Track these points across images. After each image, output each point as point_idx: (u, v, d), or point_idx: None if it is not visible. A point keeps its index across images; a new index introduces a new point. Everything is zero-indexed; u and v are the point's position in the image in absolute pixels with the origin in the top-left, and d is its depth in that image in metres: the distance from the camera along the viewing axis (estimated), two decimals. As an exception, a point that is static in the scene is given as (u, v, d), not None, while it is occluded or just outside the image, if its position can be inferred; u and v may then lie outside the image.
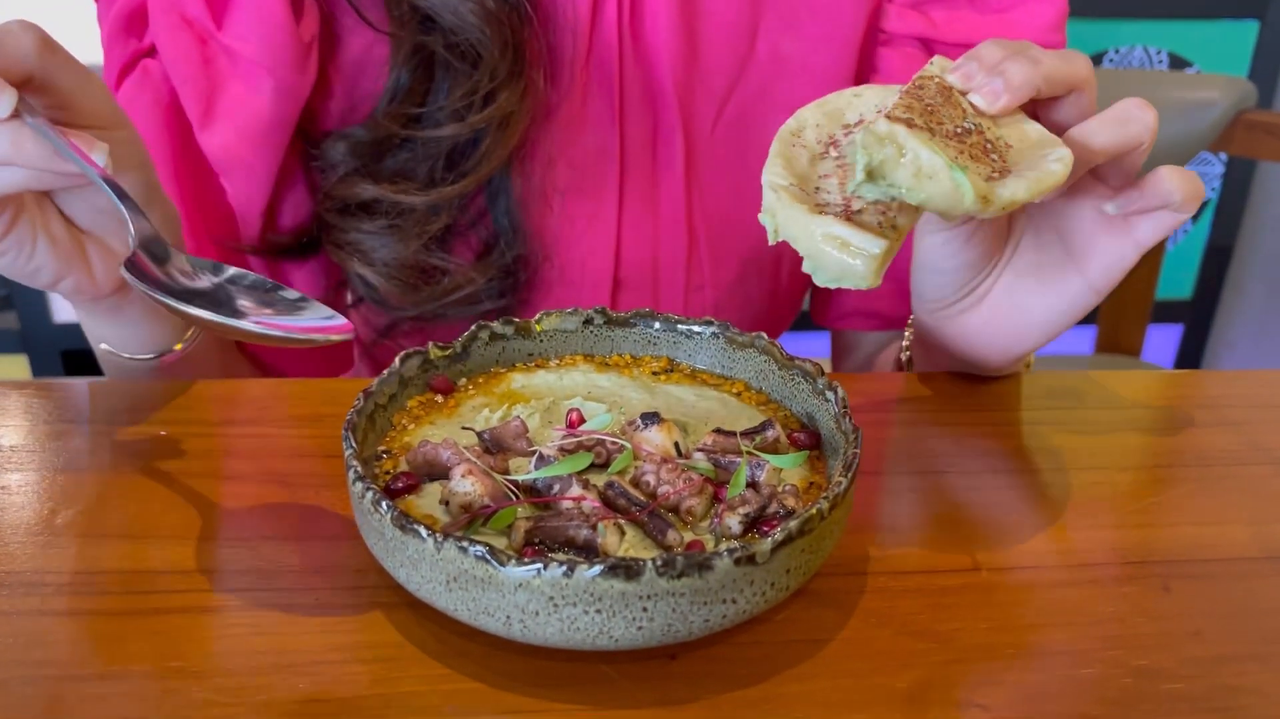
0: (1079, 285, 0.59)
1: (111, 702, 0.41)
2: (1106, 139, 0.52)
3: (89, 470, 0.56)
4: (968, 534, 0.53)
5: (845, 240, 0.46)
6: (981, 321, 0.62)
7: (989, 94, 0.50)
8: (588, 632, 0.41)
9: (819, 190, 0.49)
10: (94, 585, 0.47)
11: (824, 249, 0.46)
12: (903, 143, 0.46)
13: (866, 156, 0.46)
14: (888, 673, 0.44)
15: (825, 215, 0.46)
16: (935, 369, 0.69)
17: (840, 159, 0.51)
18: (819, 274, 0.47)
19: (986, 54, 0.52)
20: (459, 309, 0.73)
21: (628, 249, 0.76)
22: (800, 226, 0.47)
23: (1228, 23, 1.89)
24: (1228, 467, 0.59)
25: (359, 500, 0.45)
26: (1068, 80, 0.52)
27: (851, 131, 0.52)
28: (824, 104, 0.53)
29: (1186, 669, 0.45)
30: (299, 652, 0.44)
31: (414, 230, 0.70)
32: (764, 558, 0.41)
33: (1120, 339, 1.46)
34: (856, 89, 0.54)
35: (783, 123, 0.76)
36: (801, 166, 0.50)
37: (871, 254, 0.45)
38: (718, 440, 0.51)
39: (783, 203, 0.47)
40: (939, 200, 0.47)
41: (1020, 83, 0.50)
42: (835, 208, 0.48)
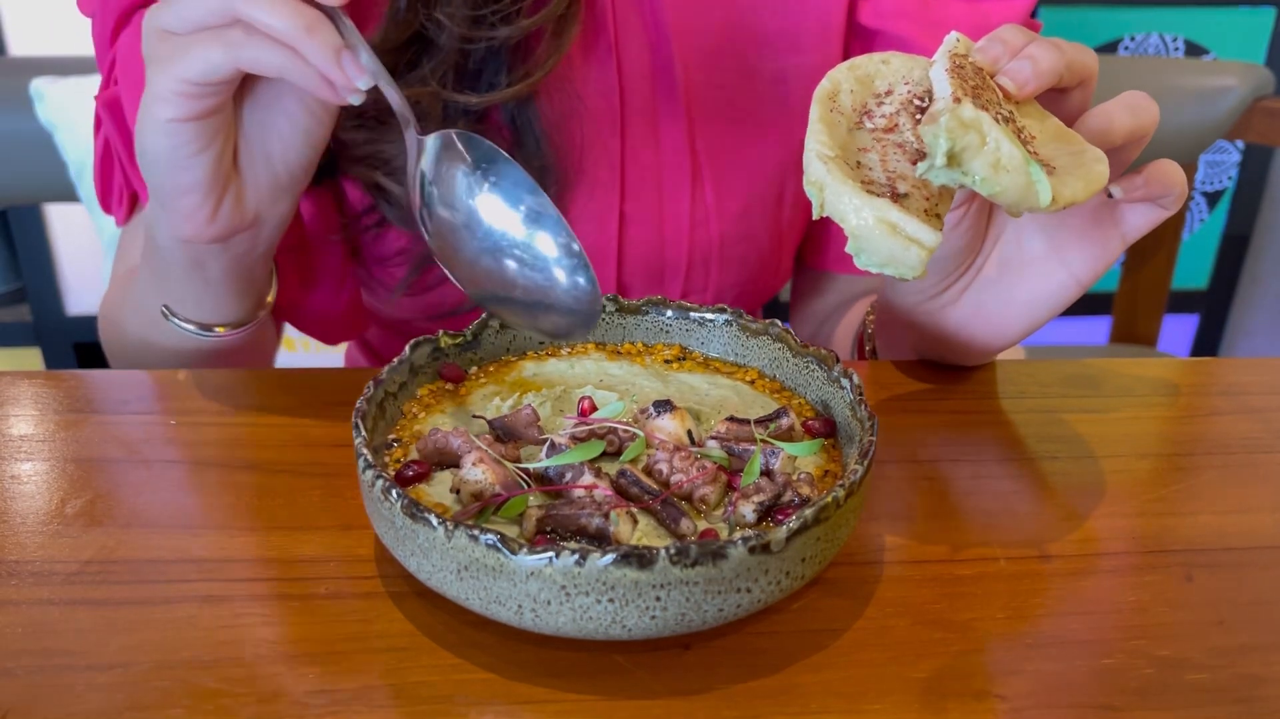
0: (1062, 277, 0.58)
1: (121, 691, 0.41)
2: (1125, 126, 0.52)
3: (98, 460, 0.55)
4: (985, 523, 0.52)
5: (899, 227, 0.44)
6: (962, 315, 0.62)
7: (1018, 78, 0.49)
8: (600, 621, 0.40)
9: (860, 165, 0.47)
10: (104, 575, 0.47)
11: (875, 233, 0.44)
12: (986, 132, 0.45)
13: (950, 142, 0.45)
14: (905, 663, 0.43)
15: (878, 198, 0.45)
16: (901, 358, 0.68)
17: (875, 131, 0.49)
18: (863, 257, 0.45)
19: (1011, 37, 0.51)
20: None
21: (631, 184, 0.75)
22: (850, 206, 0.45)
23: (1244, 10, 1.87)
24: (1249, 454, 0.58)
25: (369, 489, 0.44)
26: (1084, 71, 0.52)
27: (883, 101, 0.51)
28: (855, 67, 0.51)
29: (1210, 659, 0.44)
30: (309, 641, 0.44)
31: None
32: (779, 546, 0.41)
33: (1136, 329, 1.45)
34: (884, 55, 0.53)
35: (774, 54, 0.75)
36: (841, 135, 0.48)
37: (926, 245, 0.44)
38: (731, 428, 0.50)
39: (834, 177, 0.45)
40: (1010, 194, 0.46)
41: (1047, 69, 0.50)
42: (880, 187, 0.46)
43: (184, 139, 0.53)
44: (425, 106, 0.68)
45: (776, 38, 0.75)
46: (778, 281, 0.85)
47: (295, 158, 0.58)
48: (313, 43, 0.50)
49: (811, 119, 0.48)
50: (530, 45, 0.69)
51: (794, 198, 0.80)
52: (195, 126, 0.53)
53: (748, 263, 0.80)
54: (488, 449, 0.48)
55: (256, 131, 0.56)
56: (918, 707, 0.41)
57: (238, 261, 0.61)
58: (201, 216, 0.57)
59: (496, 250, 0.54)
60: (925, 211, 0.46)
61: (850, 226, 0.45)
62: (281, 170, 0.58)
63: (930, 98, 0.50)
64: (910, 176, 0.47)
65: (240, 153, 0.57)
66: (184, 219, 0.57)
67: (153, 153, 0.54)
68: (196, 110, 0.52)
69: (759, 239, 0.80)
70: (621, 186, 0.75)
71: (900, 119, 0.50)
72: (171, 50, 0.51)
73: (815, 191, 0.46)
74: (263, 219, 0.59)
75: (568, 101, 0.72)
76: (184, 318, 0.65)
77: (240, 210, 0.58)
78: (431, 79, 0.68)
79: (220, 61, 0.50)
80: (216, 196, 0.56)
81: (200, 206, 0.56)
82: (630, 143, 0.74)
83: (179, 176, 0.55)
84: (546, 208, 0.53)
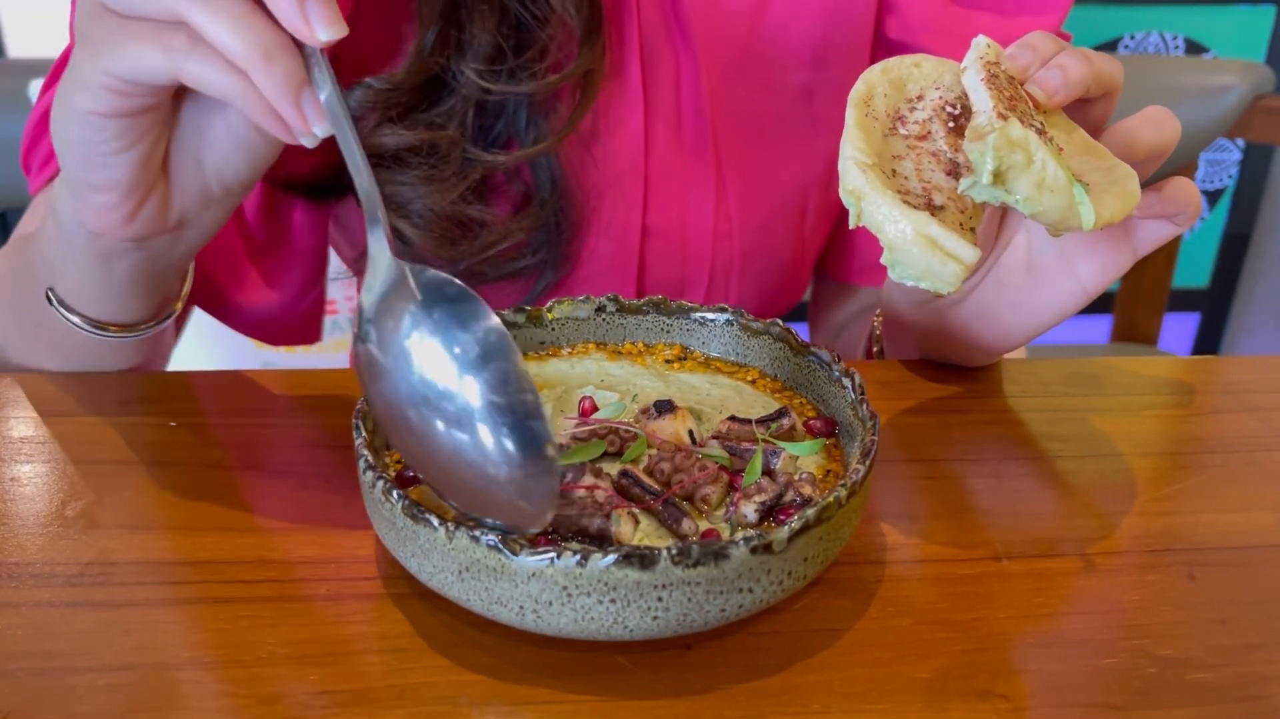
0: (1071, 285, 0.58)
1: (121, 693, 0.41)
2: (1148, 142, 0.52)
3: (99, 462, 0.55)
4: (987, 522, 0.52)
5: (938, 242, 0.44)
6: (967, 318, 0.62)
7: (1049, 87, 0.49)
8: (602, 622, 0.40)
9: (895, 174, 0.47)
10: (104, 577, 0.47)
11: (914, 247, 0.44)
12: (1033, 152, 0.45)
13: (996, 160, 0.44)
14: (907, 663, 0.43)
15: (918, 210, 0.44)
16: (907, 358, 0.68)
17: (909, 138, 0.49)
18: (898, 269, 0.45)
19: (1042, 44, 0.51)
20: (497, 266, 0.71)
21: (655, 196, 0.74)
22: (889, 218, 0.44)
23: (1245, 8, 1.87)
24: (1251, 453, 0.58)
25: (370, 490, 0.44)
26: (1110, 82, 0.52)
27: (915, 107, 0.50)
28: (888, 70, 0.51)
29: (1213, 658, 0.44)
30: (310, 643, 0.44)
31: (450, 180, 0.68)
32: (781, 546, 0.41)
33: (1137, 328, 1.45)
34: (915, 58, 0.52)
35: (800, 67, 0.75)
36: (876, 140, 0.48)
37: (965, 261, 0.44)
38: (733, 428, 0.50)
39: (872, 187, 0.45)
40: (1052, 214, 0.46)
41: (1077, 79, 0.50)
42: (916, 197, 0.46)
43: (105, 135, 0.46)
44: (444, 150, 0.67)
45: (803, 51, 0.75)
46: (797, 293, 0.85)
47: (231, 173, 0.51)
48: (270, 73, 0.43)
49: (847, 123, 0.48)
50: (555, 96, 0.69)
51: (817, 210, 0.80)
52: (119, 124, 0.46)
53: (769, 275, 0.80)
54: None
55: (192, 136, 0.50)
56: (920, 706, 0.41)
57: (151, 263, 0.55)
58: (117, 216, 0.50)
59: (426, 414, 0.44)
60: (961, 225, 0.45)
61: (887, 238, 0.44)
62: (214, 182, 0.52)
63: (962, 105, 0.50)
64: (945, 188, 0.47)
65: (171, 154, 0.50)
66: (95, 214, 0.50)
67: (68, 141, 0.48)
68: (122, 108, 0.46)
69: (781, 252, 0.80)
70: (644, 199, 0.74)
71: (933, 126, 0.49)
72: (106, 34, 0.44)
73: (853, 200, 0.45)
74: (188, 224, 0.53)
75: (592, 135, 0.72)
76: (72, 308, 0.58)
77: (162, 215, 0.52)
78: (450, 124, 0.67)
79: (156, 67, 0.44)
80: (136, 199, 0.50)
81: (116, 206, 0.50)
82: (654, 156, 0.74)
83: (94, 174, 0.48)
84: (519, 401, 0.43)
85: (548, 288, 0.73)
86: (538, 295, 0.73)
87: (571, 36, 0.68)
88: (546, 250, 0.72)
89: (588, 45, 0.68)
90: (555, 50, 0.67)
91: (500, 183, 0.71)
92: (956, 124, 0.50)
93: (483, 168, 0.68)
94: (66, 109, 0.47)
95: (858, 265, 0.86)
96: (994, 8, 0.76)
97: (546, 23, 0.67)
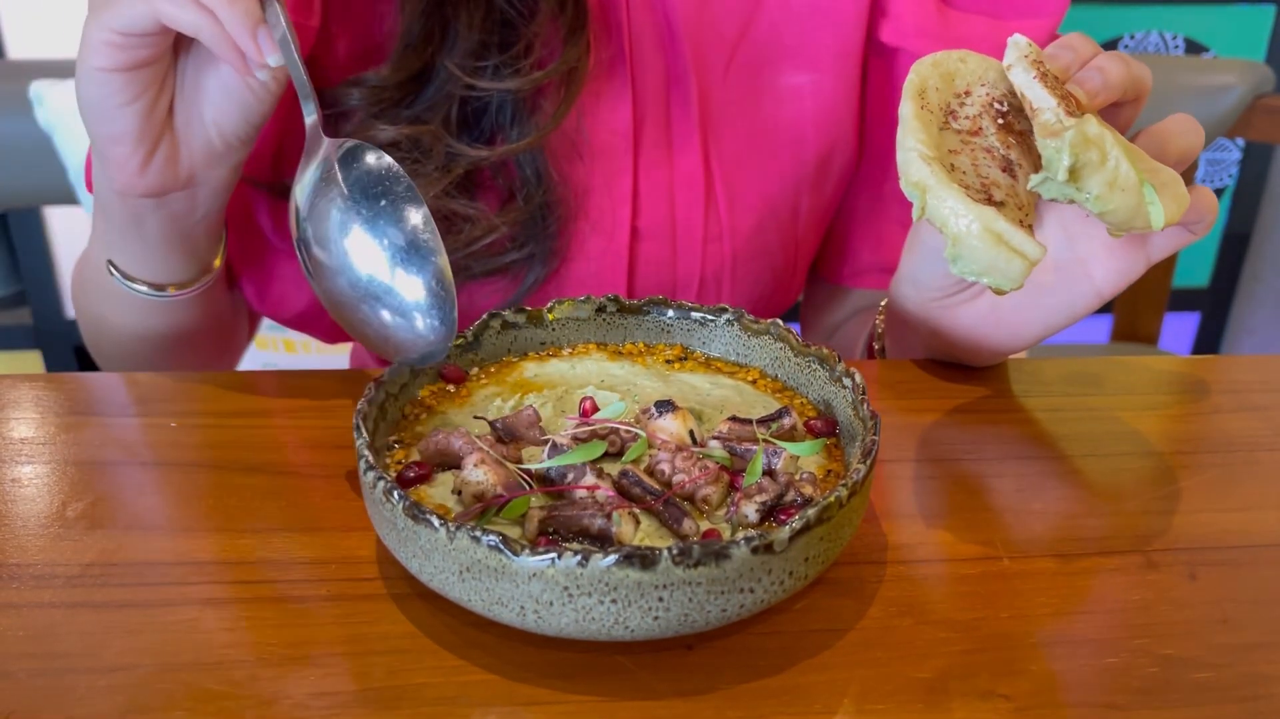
0: (1084, 288, 0.58)
1: (122, 694, 0.41)
2: (1179, 150, 0.53)
3: (99, 463, 0.55)
4: (988, 522, 0.52)
5: (1004, 237, 0.43)
6: (979, 316, 0.62)
7: (1090, 88, 0.50)
8: (603, 622, 0.40)
9: (954, 168, 0.47)
10: (105, 577, 0.47)
11: (979, 243, 0.44)
12: (1108, 150, 0.45)
13: (1072, 156, 0.44)
14: (909, 662, 0.43)
15: (984, 206, 0.44)
16: (910, 357, 0.68)
17: (962, 133, 0.49)
18: (960, 264, 0.45)
19: (1081, 46, 0.51)
20: (483, 261, 0.71)
21: (645, 198, 0.75)
22: (955, 213, 0.44)
23: (1244, 7, 1.87)
24: (1251, 452, 0.58)
25: (371, 490, 0.44)
26: (1141, 86, 0.52)
27: (964, 102, 0.50)
28: (939, 64, 0.51)
29: (1214, 657, 0.44)
30: (311, 643, 0.44)
31: (434, 174, 0.69)
32: (782, 546, 0.41)
33: (1137, 327, 1.45)
34: (961, 53, 0.52)
35: (791, 70, 0.75)
36: (934, 134, 0.48)
37: (1031, 257, 0.44)
38: (733, 428, 0.50)
39: (938, 181, 0.45)
40: (1120, 214, 0.46)
41: (1116, 81, 0.50)
42: (975, 193, 0.46)
43: (113, 89, 0.54)
44: (427, 144, 0.68)
45: (793, 54, 0.75)
46: (791, 296, 0.85)
47: (229, 125, 0.58)
48: (232, 10, 0.51)
49: (905, 115, 0.48)
50: (540, 92, 0.69)
51: (809, 213, 0.80)
52: (124, 77, 0.54)
53: (762, 278, 0.80)
54: (489, 450, 0.47)
55: (192, 91, 0.57)
56: (922, 707, 0.41)
57: (175, 222, 0.62)
58: (132, 167, 0.57)
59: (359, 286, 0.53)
60: (1020, 222, 0.45)
61: (952, 233, 0.44)
62: (215, 135, 0.58)
63: (1009, 103, 0.50)
64: (1004, 184, 0.47)
65: (176, 111, 0.58)
66: (116, 168, 0.58)
67: (85, 99, 0.55)
68: (125, 61, 0.53)
69: (773, 255, 0.80)
70: (634, 201, 0.74)
71: (983, 122, 0.49)
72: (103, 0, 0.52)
73: (917, 194, 0.45)
74: (199, 181, 0.60)
75: (577, 132, 0.72)
76: (127, 274, 0.65)
77: (173, 168, 0.58)
78: (433, 119, 0.68)
79: (141, 12, 0.51)
80: (146, 149, 0.57)
81: (130, 157, 0.57)
82: (644, 158, 0.74)
83: (107, 126, 0.56)
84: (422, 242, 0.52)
85: (536, 283, 0.73)
86: (526, 291, 0.73)
87: (557, 34, 0.68)
88: (533, 245, 0.72)
89: (572, 42, 0.68)
90: (540, 47, 0.67)
91: (486, 178, 0.72)
92: (1005, 121, 0.50)
93: (466, 163, 0.68)
94: (82, 70, 0.54)
95: (851, 269, 0.85)
96: (988, 11, 0.76)
97: (532, 19, 0.67)
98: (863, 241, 0.84)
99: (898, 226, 0.82)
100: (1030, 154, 0.50)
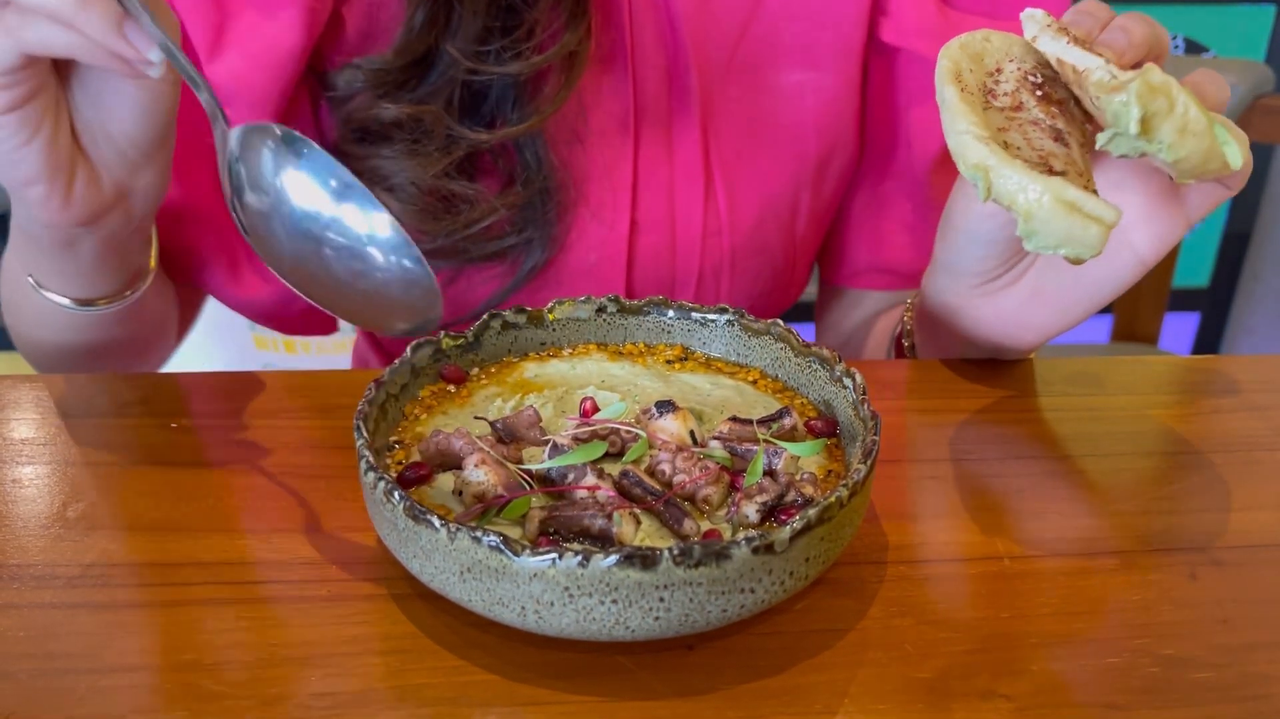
0: (1126, 256, 0.57)
1: (123, 694, 0.41)
2: (1215, 97, 0.52)
3: (100, 463, 0.55)
4: (989, 522, 0.52)
5: (1077, 205, 0.43)
6: (1022, 299, 0.61)
7: (1117, 47, 0.50)
8: (604, 622, 0.40)
9: (1008, 145, 0.46)
10: (105, 578, 0.47)
11: (1053, 213, 0.43)
12: (1175, 96, 0.44)
13: (1141, 107, 0.43)
14: (909, 662, 0.43)
15: (1052, 177, 0.43)
16: (945, 355, 0.68)
17: (1005, 110, 0.48)
18: (1035, 239, 0.44)
19: (1097, 10, 0.52)
20: (481, 244, 0.71)
21: (644, 188, 0.75)
22: (1021, 187, 0.43)
23: (1244, 7, 1.87)
24: (1252, 452, 0.58)
25: (371, 491, 0.44)
26: (1162, 45, 0.53)
27: (998, 80, 0.50)
28: (966, 45, 0.51)
29: (1215, 657, 0.44)
30: (311, 644, 0.44)
31: (434, 155, 0.69)
32: (782, 547, 0.41)
33: (1137, 327, 1.45)
34: (983, 33, 0.52)
35: (791, 68, 0.75)
36: (980, 115, 0.47)
37: (1108, 221, 0.43)
38: (734, 428, 0.50)
39: (999, 158, 0.44)
40: (1194, 159, 0.45)
41: (1140, 39, 0.50)
42: (1036, 166, 0.45)
43: (7, 132, 0.51)
44: (429, 124, 0.68)
45: (794, 52, 0.75)
46: (791, 295, 0.85)
47: (137, 132, 0.55)
48: (88, 16, 0.47)
49: (949, 100, 0.47)
50: (540, 77, 0.69)
51: (809, 212, 0.80)
52: (15, 117, 0.50)
53: (761, 275, 0.80)
54: (490, 450, 0.47)
55: (91, 111, 0.54)
56: (922, 707, 0.41)
57: (110, 239, 0.59)
58: (54, 204, 0.54)
59: (310, 235, 0.53)
60: (1085, 188, 0.45)
61: (1022, 208, 0.43)
62: (127, 146, 0.55)
63: (1042, 74, 0.50)
64: (1059, 154, 0.46)
65: (79, 133, 0.54)
66: (39, 207, 0.55)
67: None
68: (8, 101, 0.50)
69: (772, 252, 0.80)
70: (634, 194, 0.74)
71: (1022, 96, 0.49)
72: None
73: (979, 175, 0.44)
74: (130, 192, 0.57)
75: (579, 119, 0.72)
76: (55, 290, 0.62)
77: (97, 190, 0.55)
78: (436, 101, 0.68)
79: (4, 47, 0.48)
80: (63, 182, 0.54)
81: (50, 195, 0.54)
82: (643, 151, 0.74)
83: (15, 170, 0.53)
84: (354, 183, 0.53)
85: (535, 270, 0.73)
86: (524, 278, 0.73)
87: (559, 19, 0.68)
88: (532, 229, 0.72)
89: (573, 27, 0.68)
90: (541, 31, 0.68)
91: (487, 162, 0.72)
92: (1044, 92, 0.49)
93: (467, 145, 0.69)
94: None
95: (849, 269, 0.85)
96: (987, 12, 0.76)
97: (534, 4, 0.67)
98: (861, 241, 0.84)
99: (897, 226, 0.82)
100: (1075, 120, 0.50)
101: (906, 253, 0.81)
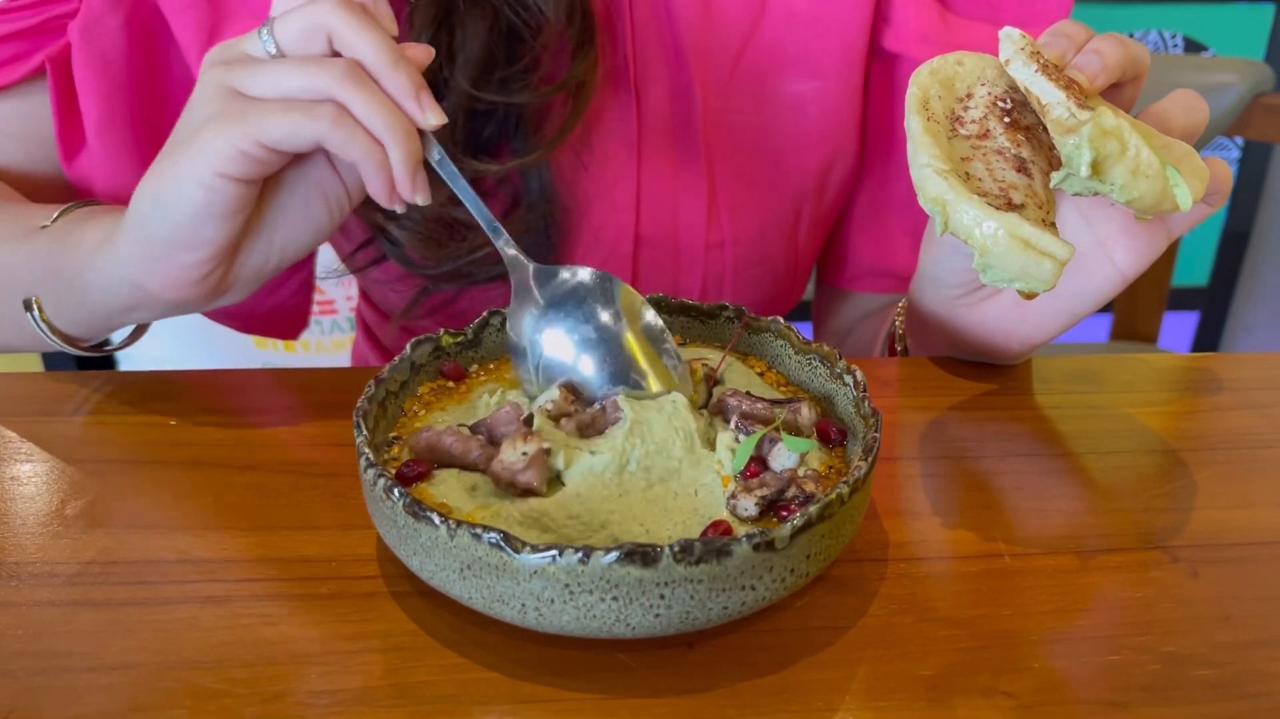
0: (1108, 271, 0.58)
1: (122, 692, 0.41)
2: (1181, 125, 0.52)
3: (99, 461, 0.55)
4: (990, 519, 0.52)
5: (1031, 242, 0.43)
6: (1003, 311, 0.61)
7: (1089, 72, 0.49)
8: (604, 619, 0.40)
9: (969, 176, 0.47)
10: (104, 576, 0.47)
11: (1007, 250, 0.44)
12: (1126, 139, 0.44)
13: (1093, 151, 0.44)
14: (910, 660, 0.43)
15: (1006, 212, 0.44)
16: (934, 354, 0.68)
17: (970, 138, 0.49)
18: (990, 273, 0.45)
19: (1073, 31, 0.51)
20: (485, 268, 0.71)
21: (647, 207, 0.74)
22: (976, 223, 0.44)
23: (1244, 6, 1.87)
24: (1253, 449, 0.58)
25: (371, 488, 0.44)
26: (1140, 66, 0.52)
27: (967, 106, 0.50)
28: (936, 71, 0.51)
29: (1216, 655, 0.44)
30: (311, 641, 0.44)
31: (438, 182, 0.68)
32: (783, 543, 0.41)
33: (1136, 327, 1.45)
34: (956, 55, 0.52)
35: (794, 78, 0.75)
36: (944, 145, 0.47)
37: (1060, 258, 0.43)
38: (746, 402, 0.50)
39: (957, 193, 0.44)
40: (1147, 199, 0.45)
41: (1114, 62, 0.50)
42: (995, 198, 0.45)
43: (224, 197, 0.50)
44: None
45: (796, 62, 0.74)
46: (791, 301, 0.85)
47: (293, 247, 0.55)
48: (402, 149, 0.49)
49: (913, 130, 0.47)
50: (546, 103, 0.68)
51: (810, 221, 0.80)
52: (241, 188, 0.50)
53: (762, 285, 0.80)
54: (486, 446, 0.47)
55: (270, 211, 0.54)
56: (924, 704, 0.41)
57: (174, 313, 0.58)
58: (191, 276, 0.53)
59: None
60: (1043, 221, 0.45)
61: (978, 243, 0.44)
62: (276, 255, 0.55)
63: (1012, 99, 0.50)
64: (1021, 185, 0.47)
65: (250, 225, 0.54)
66: (168, 274, 0.53)
67: (179, 202, 0.51)
68: (254, 172, 0.50)
69: (774, 261, 0.80)
70: (637, 213, 0.74)
71: (990, 124, 0.49)
72: (244, 109, 0.49)
73: (937, 208, 0.45)
74: (228, 294, 0.56)
75: (582, 142, 0.72)
76: (52, 323, 0.60)
77: (225, 282, 0.55)
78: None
79: (306, 134, 0.49)
80: (217, 262, 0.53)
81: (196, 267, 0.53)
82: (647, 169, 0.74)
83: (193, 232, 0.51)
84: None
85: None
86: None
87: (564, 46, 0.67)
88: (536, 254, 0.72)
89: (580, 56, 0.67)
90: (548, 60, 0.67)
91: (490, 187, 0.72)
92: (1011, 119, 0.49)
93: (471, 173, 0.68)
94: (182, 176, 0.50)
95: (851, 272, 0.85)
96: (990, 18, 0.75)
97: (539, 32, 0.67)
98: (864, 246, 0.84)
99: (899, 231, 0.82)
100: (1041, 147, 0.50)
101: (909, 256, 0.82)
